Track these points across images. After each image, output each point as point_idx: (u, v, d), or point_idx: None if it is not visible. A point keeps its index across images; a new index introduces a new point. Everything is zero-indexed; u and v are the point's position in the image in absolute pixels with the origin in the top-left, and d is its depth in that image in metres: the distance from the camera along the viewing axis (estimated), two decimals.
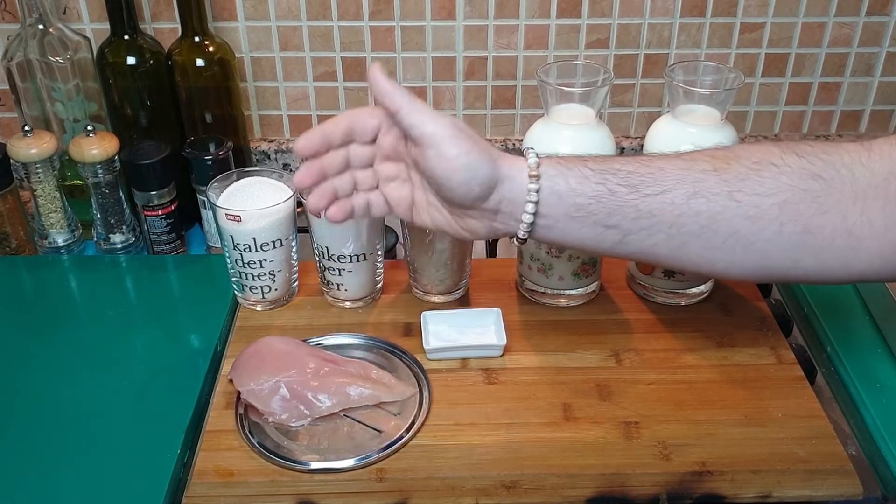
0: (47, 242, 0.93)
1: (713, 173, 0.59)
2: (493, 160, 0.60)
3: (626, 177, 0.60)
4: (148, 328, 0.81)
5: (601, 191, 0.60)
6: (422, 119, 0.59)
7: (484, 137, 1.06)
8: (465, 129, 0.61)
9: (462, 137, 0.59)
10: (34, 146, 0.87)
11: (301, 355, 0.72)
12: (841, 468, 0.65)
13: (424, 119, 0.59)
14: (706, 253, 0.61)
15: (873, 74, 1.05)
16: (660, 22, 1.00)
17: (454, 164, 0.59)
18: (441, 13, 0.99)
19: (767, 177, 0.59)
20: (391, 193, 0.65)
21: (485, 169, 0.60)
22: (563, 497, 0.65)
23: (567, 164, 0.61)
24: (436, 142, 0.59)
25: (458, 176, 0.59)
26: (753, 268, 0.61)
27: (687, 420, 0.69)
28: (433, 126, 0.59)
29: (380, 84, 0.60)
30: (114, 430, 0.69)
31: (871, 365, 0.76)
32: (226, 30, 1.00)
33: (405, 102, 0.59)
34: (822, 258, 0.59)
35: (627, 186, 0.60)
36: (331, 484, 0.65)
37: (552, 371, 0.75)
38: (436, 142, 0.59)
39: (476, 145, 0.60)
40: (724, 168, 0.60)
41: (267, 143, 1.08)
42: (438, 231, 0.66)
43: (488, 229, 0.63)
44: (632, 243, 0.61)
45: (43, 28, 0.89)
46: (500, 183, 0.60)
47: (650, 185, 0.60)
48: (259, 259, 0.79)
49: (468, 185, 0.60)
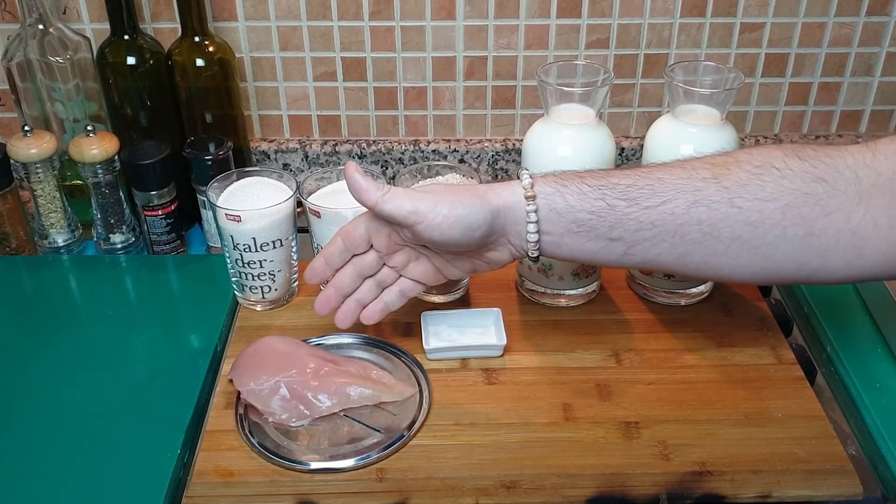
0: (47, 242, 0.93)
1: (713, 181, 0.60)
2: (481, 201, 0.62)
3: (624, 190, 0.61)
4: (148, 328, 0.81)
5: (600, 206, 0.61)
6: (398, 203, 0.62)
7: (484, 137, 1.07)
8: (442, 187, 0.64)
9: (441, 197, 0.62)
10: (34, 146, 0.87)
11: (301, 355, 0.72)
12: (841, 468, 0.65)
13: (401, 202, 0.62)
14: (710, 259, 0.61)
15: (873, 74, 1.05)
16: (660, 22, 1.00)
17: (445, 225, 0.62)
18: (441, 13, 0.99)
19: (769, 181, 0.59)
20: (414, 274, 0.69)
21: (476, 214, 0.62)
22: (563, 497, 0.65)
23: (564, 182, 0.62)
24: (419, 216, 0.62)
25: (454, 232, 0.62)
26: (758, 271, 0.61)
27: (687, 420, 0.69)
28: (410, 204, 0.62)
29: (354, 182, 0.63)
30: (114, 430, 0.69)
31: (871, 365, 0.76)
32: (226, 30, 1.00)
33: (378, 195, 0.63)
34: (827, 259, 0.60)
35: (626, 200, 0.61)
36: (331, 484, 0.65)
37: (552, 371, 0.75)
38: (419, 216, 0.62)
39: (458, 197, 0.62)
40: (724, 174, 0.60)
41: (267, 143, 1.08)
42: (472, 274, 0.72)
43: (509, 254, 0.67)
44: (637, 254, 0.62)
45: (43, 28, 0.89)
46: (498, 215, 0.63)
47: (649, 197, 0.60)
48: (259, 259, 0.79)
49: (468, 234, 0.62)
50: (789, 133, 1.09)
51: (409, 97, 1.05)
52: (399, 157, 1.08)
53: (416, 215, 0.62)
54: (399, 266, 0.69)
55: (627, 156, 1.07)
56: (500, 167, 1.09)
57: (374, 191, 0.63)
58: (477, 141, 1.08)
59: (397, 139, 1.08)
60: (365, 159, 1.08)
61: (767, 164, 0.59)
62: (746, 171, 0.60)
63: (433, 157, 1.08)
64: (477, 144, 1.07)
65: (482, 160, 1.08)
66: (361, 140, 1.08)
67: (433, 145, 1.07)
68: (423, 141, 1.08)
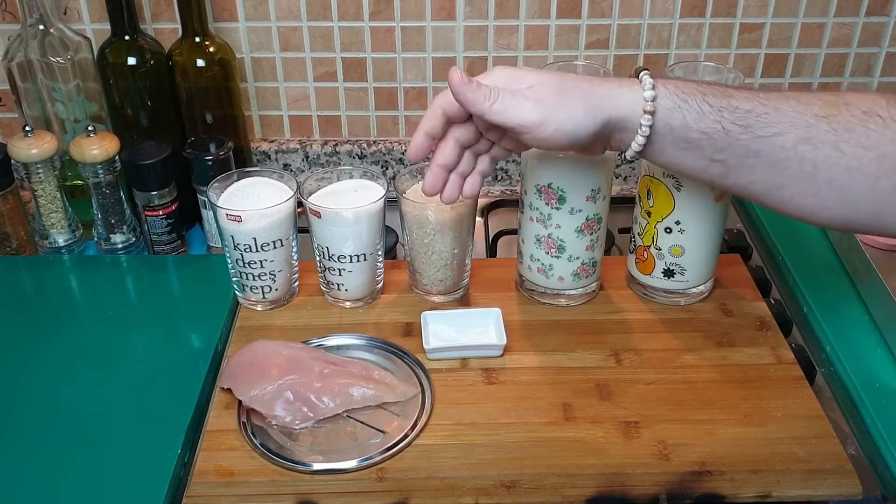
0: (48, 242, 0.93)
1: (824, 120, 0.59)
2: (594, 110, 0.60)
3: (744, 115, 0.60)
4: (148, 328, 0.81)
5: (716, 128, 0.60)
6: (506, 115, 0.60)
7: None
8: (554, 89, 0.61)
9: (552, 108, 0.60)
10: (35, 146, 0.87)
11: (302, 358, 0.72)
12: (841, 468, 0.65)
13: (510, 114, 0.60)
14: (799, 198, 0.61)
15: (873, 74, 1.05)
16: (660, 22, 1.00)
17: (552, 139, 0.60)
18: (441, 13, 0.99)
19: (873, 129, 0.58)
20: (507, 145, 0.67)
21: (586, 127, 0.60)
22: (563, 497, 0.65)
23: (685, 96, 0.60)
24: (527, 128, 0.60)
25: (560, 143, 0.61)
26: (840, 216, 0.61)
27: (687, 420, 0.69)
28: (518, 116, 0.60)
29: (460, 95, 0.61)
30: (114, 430, 0.69)
31: (871, 365, 0.76)
32: (226, 30, 1.00)
33: (486, 105, 0.60)
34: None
35: (743, 126, 0.60)
36: (331, 484, 0.65)
37: (552, 371, 0.75)
38: (527, 128, 0.60)
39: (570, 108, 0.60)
40: (834, 115, 0.59)
41: (267, 143, 1.08)
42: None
43: (604, 149, 0.66)
44: (732, 177, 0.62)
45: (43, 28, 0.89)
46: (608, 124, 0.61)
47: (765, 126, 0.59)
48: (259, 259, 0.79)
49: (573, 143, 0.61)
50: None
51: (410, 97, 1.05)
52: (399, 157, 1.08)
53: (522, 127, 0.60)
54: (496, 138, 0.66)
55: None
56: (500, 167, 1.09)
57: (481, 101, 0.60)
58: None
59: (397, 139, 1.08)
60: (365, 159, 1.08)
61: (873, 112, 0.59)
62: (854, 115, 0.59)
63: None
64: None
65: None
66: (362, 140, 1.08)
67: None
68: None
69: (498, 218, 1.06)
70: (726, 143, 0.60)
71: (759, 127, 0.60)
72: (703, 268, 0.81)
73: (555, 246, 0.79)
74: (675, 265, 0.80)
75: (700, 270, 0.81)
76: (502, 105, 0.60)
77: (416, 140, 0.65)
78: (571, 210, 0.76)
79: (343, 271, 0.80)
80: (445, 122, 0.65)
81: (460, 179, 0.67)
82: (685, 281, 0.81)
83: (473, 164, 0.67)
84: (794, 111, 0.60)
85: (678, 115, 0.60)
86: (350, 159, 1.08)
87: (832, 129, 0.59)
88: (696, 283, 0.82)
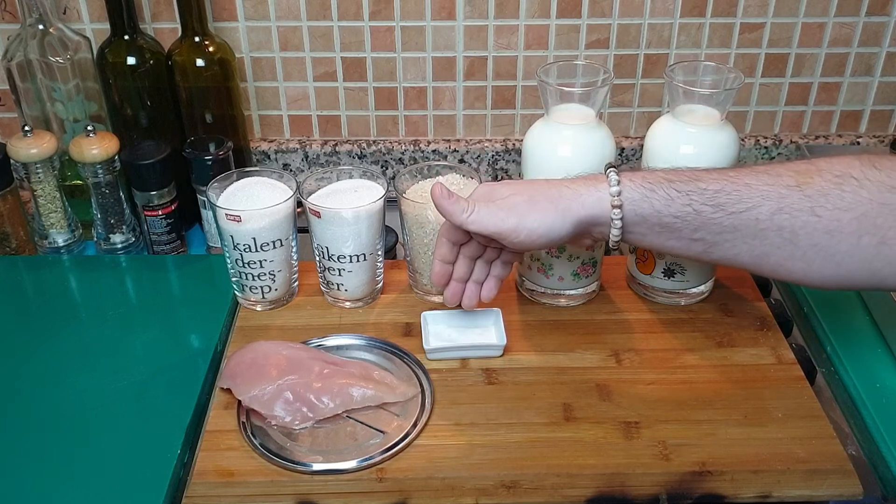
0: (47, 242, 0.93)
1: (797, 189, 0.61)
2: (564, 213, 0.65)
3: (712, 196, 0.62)
4: (148, 328, 0.81)
5: (687, 211, 0.63)
6: (482, 224, 0.66)
7: (484, 137, 1.07)
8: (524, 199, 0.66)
9: (523, 215, 0.65)
10: (34, 146, 0.87)
11: (302, 358, 0.72)
12: (841, 468, 0.65)
13: (484, 224, 0.66)
14: (786, 263, 0.63)
15: (873, 74, 1.05)
16: (660, 22, 1.00)
17: (528, 241, 0.66)
18: (441, 13, 0.99)
19: (848, 191, 0.60)
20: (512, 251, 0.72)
21: (559, 228, 0.65)
22: (563, 497, 0.65)
23: (651, 185, 0.64)
24: (502, 235, 0.66)
25: (537, 244, 0.67)
26: (830, 277, 0.63)
27: (687, 420, 0.69)
28: (493, 225, 0.66)
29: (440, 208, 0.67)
30: (114, 430, 0.69)
31: (871, 365, 0.76)
32: (226, 30, 1.00)
33: (463, 217, 0.66)
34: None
35: (713, 206, 0.62)
36: (331, 484, 0.65)
37: (552, 371, 0.75)
38: (502, 235, 0.66)
39: (541, 213, 0.65)
40: (806, 183, 0.61)
41: (267, 143, 1.08)
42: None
43: (591, 241, 0.72)
44: (716, 252, 0.65)
45: (43, 28, 0.89)
46: (581, 223, 0.65)
47: (735, 203, 0.62)
48: (259, 259, 0.79)
49: (551, 243, 0.67)
50: (789, 133, 1.09)
51: (409, 97, 1.05)
52: (399, 157, 1.08)
53: (498, 234, 0.66)
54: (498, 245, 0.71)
55: (627, 156, 1.07)
56: (500, 167, 1.09)
57: (459, 213, 0.66)
58: (477, 141, 1.08)
59: (397, 139, 1.08)
60: (365, 159, 1.08)
61: (847, 174, 0.61)
62: (828, 180, 0.61)
63: (433, 157, 1.08)
64: (477, 144, 1.07)
65: (482, 160, 1.08)
66: (361, 140, 1.08)
67: (433, 145, 1.07)
68: (423, 141, 1.08)
69: None
70: (700, 223, 0.63)
71: (731, 204, 0.62)
72: (704, 268, 0.81)
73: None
74: (675, 265, 0.80)
75: (700, 270, 0.81)
76: (478, 216, 0.66)
77: (436, 269, 0.73)
78: None
79: (343, 271, 0.80)
80: (454, 247, 0.72)
81: (477, 287, 0.74)
82: (685, 281, 0.81)
83: (488, 271, 0.74)
84: (765, 185, 0.62)
85: (646, 204, 0.64)
86: (350, 159, 1.08)
87: (806, 196, 0.61)
88: (696, 283, 0.82)
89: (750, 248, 0.63)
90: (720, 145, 0.74)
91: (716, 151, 0.74)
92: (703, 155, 0.74)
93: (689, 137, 0.75)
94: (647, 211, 0.64)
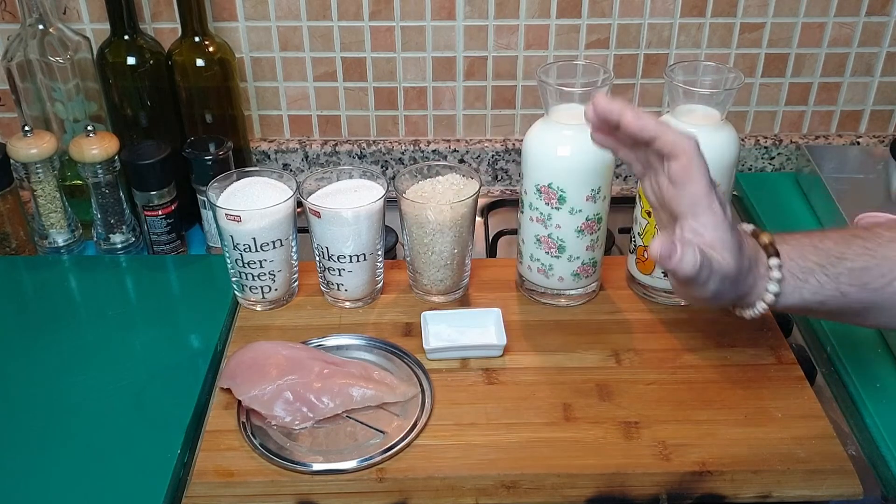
0: (47, 242, 0.93)
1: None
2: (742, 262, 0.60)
3: (858, 275, 0.62)
4: (148, 328, 0.81)
5: (834, 295, 0.62)
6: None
7: (484, 137, 1.07)
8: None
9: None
10: (34, 146, 0.87)
11: (302, 358, 0.72)
12: (841, 468, 0.65)
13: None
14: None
15: (873, 74, 1.05)
16: (660, 22, 1.00)
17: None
18: (441, 13, 0.99)
19: None
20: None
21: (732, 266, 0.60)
22: (563, 497, 0.65)
23: (805, 274, 0.62)
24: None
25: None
26: None
27: (687, 420, 0.69)
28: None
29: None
30: (114, 430, 0.69)
31: (871, 365, 0.76)
32: (226, 30, 1.00)
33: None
34: None
35: (858, 286, 0.62)
36: (331, 484, 0.65)
37: (552, 371, 0.75)
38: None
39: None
40: None
41: (267, 143, 1.08)
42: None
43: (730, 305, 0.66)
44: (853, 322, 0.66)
45: (43, 28, 0.89)
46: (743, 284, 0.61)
47: (877, 278, 0.62)
48: (259, 259, 0.79)
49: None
50: (789, 133, 1.09)
51: (409, 97, 1.05)
52: (399, 157, 1.08)
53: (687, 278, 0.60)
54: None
55: None
56: (500, 167, 1.09)
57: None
58: (477, 141, 1.08)
59: (397, 139, 1.08)
60: (365, 159, 1.08)
61: None
62: None
63: (433, 157, 1.08)
64: (477, 144, 1.07)
65: (482, 160, 1.08)
66: (361, 140, 1.08)
67: (433, 145, 1.07)
68: (423, 141, 1.08)
69: (498, 218, 1.06)
70: (845, 304, 0.63)
71: (873, 280, 0.62)
72: None
73: (555, 246, 0.78)
74: None
75: None
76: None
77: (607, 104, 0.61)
78: (571, 210, 0.76)
79: (343, 271, 0.80)
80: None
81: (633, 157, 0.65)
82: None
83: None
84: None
85: (796, 294, 0.62)
86: (350, 159, 1.08)
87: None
88: None
89: (877, 315, 0.64)
90: (720, 145, 0.74)
91: (716, 151, 0.74)
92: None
93: None
94: (794, 301, 0.63)
